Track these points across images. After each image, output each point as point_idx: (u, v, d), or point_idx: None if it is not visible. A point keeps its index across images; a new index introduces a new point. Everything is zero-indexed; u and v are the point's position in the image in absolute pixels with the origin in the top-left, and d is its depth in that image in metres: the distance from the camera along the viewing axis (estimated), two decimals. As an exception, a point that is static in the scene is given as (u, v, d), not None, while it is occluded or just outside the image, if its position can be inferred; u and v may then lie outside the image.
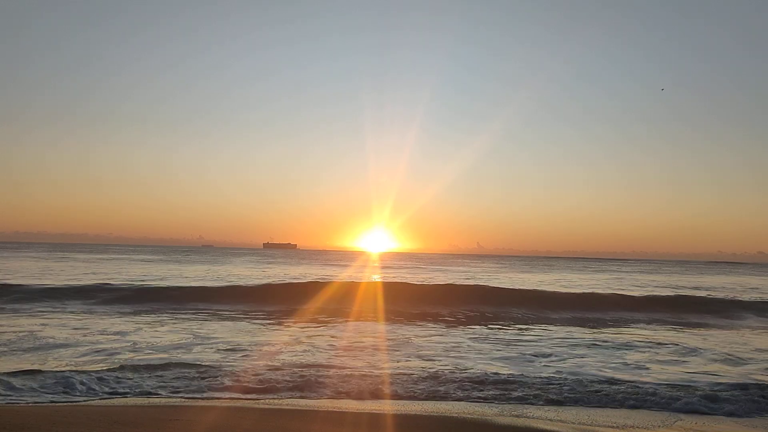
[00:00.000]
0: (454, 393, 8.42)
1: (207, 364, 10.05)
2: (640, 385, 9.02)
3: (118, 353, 10.93)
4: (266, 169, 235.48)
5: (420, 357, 11.31)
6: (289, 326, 15.66)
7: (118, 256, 70.56)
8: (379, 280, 33.51)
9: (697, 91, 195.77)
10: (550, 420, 7.14)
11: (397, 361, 10.73)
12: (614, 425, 7.08)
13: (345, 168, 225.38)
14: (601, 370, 10.26)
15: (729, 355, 12.37)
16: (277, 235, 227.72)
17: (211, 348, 11.84)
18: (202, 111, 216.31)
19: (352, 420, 6.93)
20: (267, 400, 7.77)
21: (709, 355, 12.36)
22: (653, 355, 12.38)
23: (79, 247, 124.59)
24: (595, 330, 16.47)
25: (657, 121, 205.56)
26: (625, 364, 11.07)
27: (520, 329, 16.22)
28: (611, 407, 7.94)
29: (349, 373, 9.48)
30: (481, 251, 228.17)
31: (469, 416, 7.25)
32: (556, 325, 17.13)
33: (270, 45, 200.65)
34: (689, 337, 15.45)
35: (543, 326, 17.07)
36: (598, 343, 13.71)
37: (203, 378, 8.90)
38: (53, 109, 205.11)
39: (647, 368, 10.68)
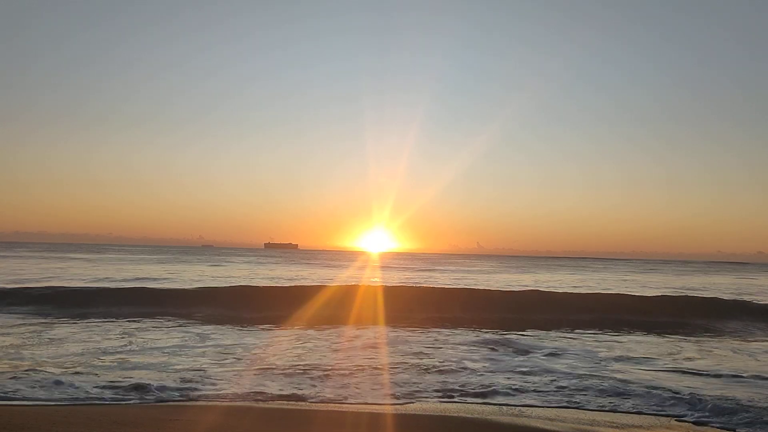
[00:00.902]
0: (453, 394, 8.43)
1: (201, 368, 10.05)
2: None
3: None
4: (267, 169, 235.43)
5: (418, 360, 11.30)
6: (282, 331, 15.64)
7: (107, 257, 70.45)
8: (377, 282, 33.42)
9: (696, 92, 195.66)
10: (550, 420, 7.15)
11: (395, 364, 10.72)
12: (614, 425, 7.08)
13: (346, 168, 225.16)
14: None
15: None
16: (278, 235, 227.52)
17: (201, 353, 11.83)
18: (202, 112, 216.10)
19: (353, 420, 6.93)
20: (267, 400, 7.77)
21: None
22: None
23: (76, 246, 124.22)
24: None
25: (656, 122, 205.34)
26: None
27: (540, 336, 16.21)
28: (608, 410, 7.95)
29: (346, 373, 9.48)
30: (481, 251, 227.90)
31: (469, 416, 7.25)
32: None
33: (271, 47, 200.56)
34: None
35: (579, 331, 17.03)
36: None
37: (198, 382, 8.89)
38: (54, 110, 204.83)
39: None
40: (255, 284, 28.40)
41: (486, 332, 15.40)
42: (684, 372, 10.47)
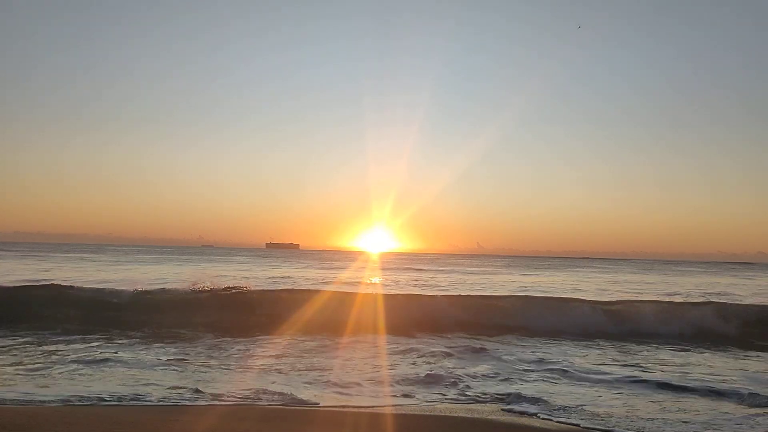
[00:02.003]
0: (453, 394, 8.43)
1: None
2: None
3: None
4: (268, 169, 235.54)
5: (414, 365, 11.28)
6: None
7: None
8: (376, 282, 33.20)
9: (693, 94, 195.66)
10: (551, 420, 7.15)
11: (393, 368, 10.71)
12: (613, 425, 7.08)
13: (347, 169, 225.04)
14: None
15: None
16: (280, 235, 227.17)
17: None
18: (203, 113, 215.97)
19: (352, 420, 6.93)
20: (267, 401, 7.77)
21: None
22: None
23: (71, 246, 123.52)
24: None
25: (655, 123, 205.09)
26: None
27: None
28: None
29: (345, 376, 9.48)
30: (481, 251, 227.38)
31: (469, 416, 7.25)
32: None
33: (272, 49, 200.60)
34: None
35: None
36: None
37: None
38: (56, 111, 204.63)
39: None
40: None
41: (485, 339, 15.32)
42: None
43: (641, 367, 11.02)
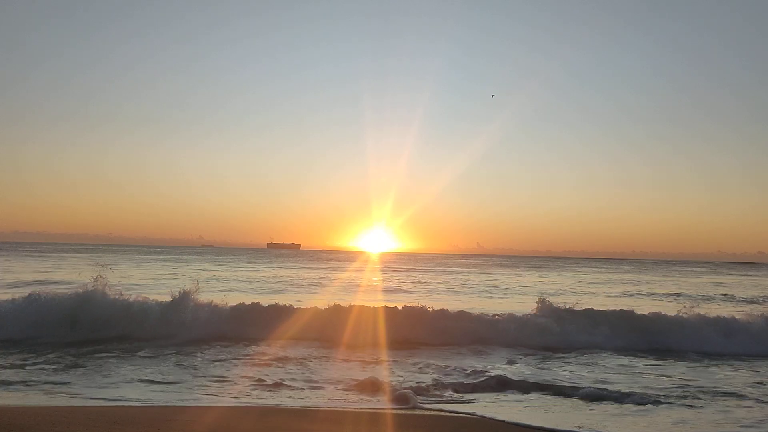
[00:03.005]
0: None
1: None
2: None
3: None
4: (270, 170, 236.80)
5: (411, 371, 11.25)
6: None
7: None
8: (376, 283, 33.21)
9: (693, 94, 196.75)
10: (551, 419, 7.14)
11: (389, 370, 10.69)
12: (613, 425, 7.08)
13: (348, 169, 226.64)
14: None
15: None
16: (281, 236, 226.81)
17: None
18: (204, 113, 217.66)
19: (353, 420, 6.93)
20: (267, 401, 7.77)
21: None
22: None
23: (69, 246, 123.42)
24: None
25: (655, 123, 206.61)
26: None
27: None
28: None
29: (342, 377, 9.47)
30: (481, 251, 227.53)
31: (469, 416, 7.24)
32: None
33: (273, 50, 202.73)
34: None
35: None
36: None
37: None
38: (56, 111, 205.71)
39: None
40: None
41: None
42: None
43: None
